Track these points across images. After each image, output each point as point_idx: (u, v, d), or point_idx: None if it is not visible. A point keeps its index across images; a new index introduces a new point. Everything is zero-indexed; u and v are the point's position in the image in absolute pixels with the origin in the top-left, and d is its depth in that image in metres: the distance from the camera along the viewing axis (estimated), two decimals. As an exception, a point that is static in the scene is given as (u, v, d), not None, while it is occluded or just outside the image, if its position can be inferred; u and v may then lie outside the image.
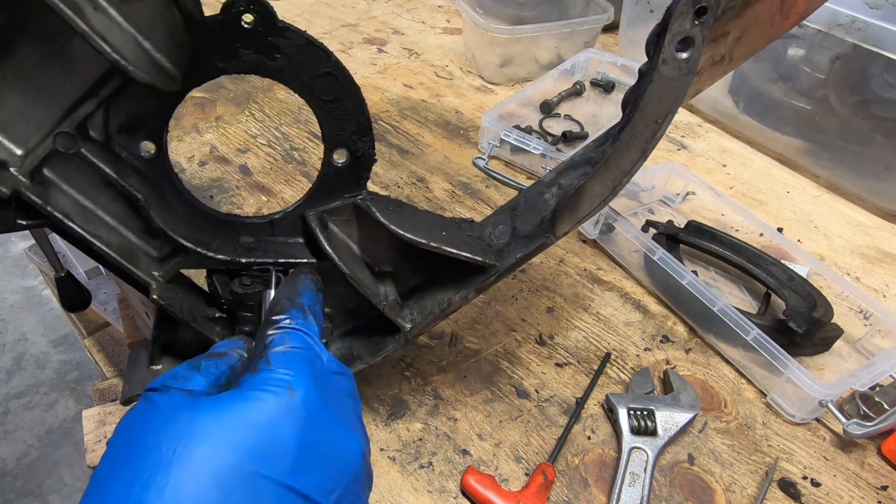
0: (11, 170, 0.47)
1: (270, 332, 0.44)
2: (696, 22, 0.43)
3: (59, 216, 0.49)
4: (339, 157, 0.56)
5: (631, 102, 0.49)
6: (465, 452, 0.66)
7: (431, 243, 0.55)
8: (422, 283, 0.62)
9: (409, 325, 0.60)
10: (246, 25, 0.48)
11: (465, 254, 0.56)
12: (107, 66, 0.46)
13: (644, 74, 0.47)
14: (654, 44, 0.45)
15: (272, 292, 0.55)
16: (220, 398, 0.39)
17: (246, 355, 0.47)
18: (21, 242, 2.95)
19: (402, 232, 0.55)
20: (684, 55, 0.44)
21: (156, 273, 0.57)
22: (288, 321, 0.45)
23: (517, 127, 1.10)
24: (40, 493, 2.15)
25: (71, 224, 0.50)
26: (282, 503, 0.36)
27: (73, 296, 0.88)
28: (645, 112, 0.47)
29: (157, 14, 0.45)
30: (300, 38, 0.49)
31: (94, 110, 0.48)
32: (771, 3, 0.48)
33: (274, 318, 0.46)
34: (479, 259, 0.57)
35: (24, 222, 0.50)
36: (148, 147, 0.53)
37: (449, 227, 0.60)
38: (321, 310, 0.50)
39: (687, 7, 0.42)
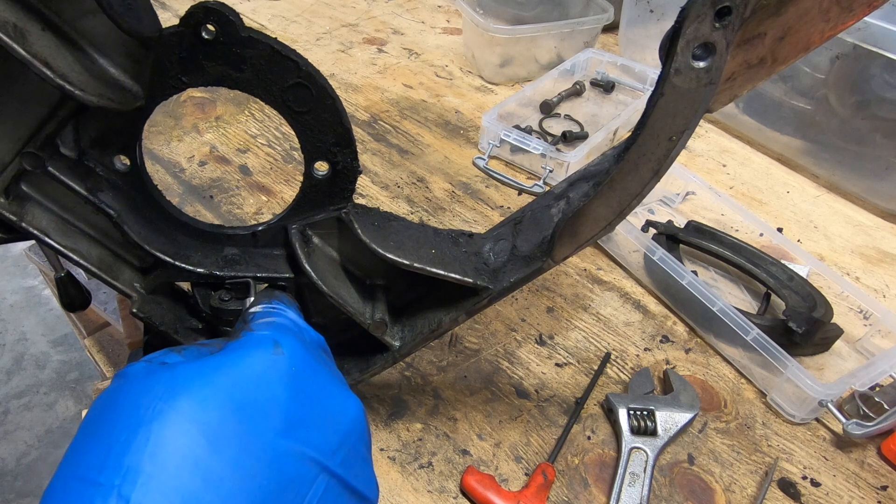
0: None
1: (252, 309, 0.44)
2: (718, 25, 0.36)
3: (35, 232, 0.49)
4: (320, 169, 0.53)
5: (640, 118, 0.43)
6: (464, 452, 0.66)
7: (415, 263, 0.52)
8: (418, 297, 0.59)
9: (397, 344, 0.58)
10: (207, 37, 0.45)
11: (453, 275, 0.53)
12: None
13: (655, 86, 0.41)
14: (667, 50, 0.39)
15: (251, 300, 0.54)
16: (201, 360, 0.36)
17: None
18: (21, 242, 2.95)
19: (382, 251, 0.52)
20: (702, 64, 0.38)
21: (137, 285, 0.57)
22: (269, 304, 0.45)
23: (517, 127, 1.10)
24: (40, 493, 2.13)
25: (48, 240, 0.50)
26: (280, 460, 0.34)
27: (72, 296, 0.88)
28: (655, 128, 0.42)
29: (111, 30, 0.43)
30: (266, 48, 0.46)
31: (55, 130, 0.47)
32: None
33: (254, 306, 0.46)
34: (470, 281, 0.53)
35: (5, 236, 0.50)
36: (122, 160, 0.52)
37: (442, 242, 0.57)
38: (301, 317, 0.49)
39: (704, 8, 0.36)
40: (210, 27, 0.45)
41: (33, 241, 0.52)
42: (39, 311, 2.75)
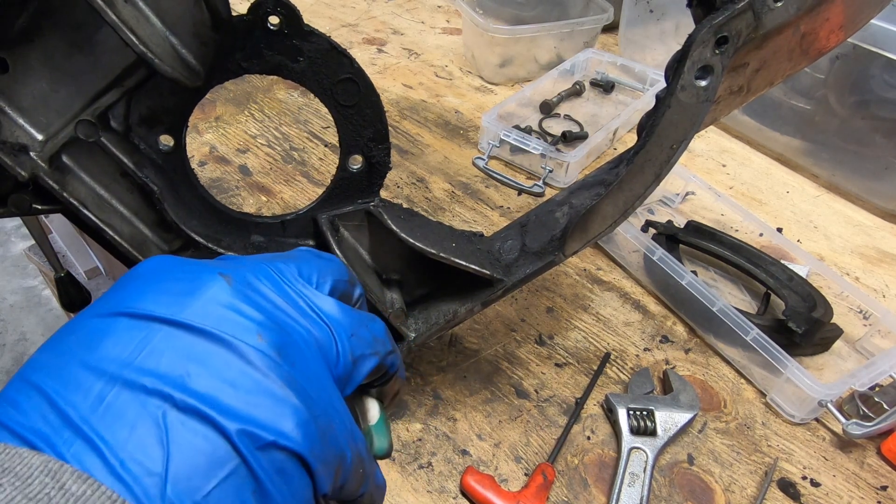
0: (31, 154, 0.48)
1: None
2: (717, 51, 0.44)
3: (75, 203, 0.51)
4: (355, 163, 0.56)
5: (647, 127, 0.49)
6: (464, 452, 0.66)
7: (441, 253, 0.55)
8: (428, 293, 0.62)
9: (412, 335, 0.60)
10: (272, 27, 0.49)
11: (473, 266, 0.56)
12: (132, 58, 0.47)
13: (662, 99, 0.47)
14: (674, 70, 0.45)
15: None
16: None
17: None
18: (21, 242, 2.95)
19: (411, 240, 0.55)
20: (703, 83, 0.45)
21: None
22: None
23: (517, 127, 1.10)
24: (40, 493, 2.15)
25: (85, 211, 0.51)
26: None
27: (72, 296, 0.88)
28: (660, 137, 0.48)
29: (186, 11, 0.46)
30: (324, 42, 0.50)
31: (116, 101, 0.49)
32: (791, 37, 0.48)
33: None
34: (487, 272, 0.56)
35: (39, 207, 0.51)
36: (166, 141, 0.54)
37: (459, 238, 0.60)
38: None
39: (708, 36, 0.43)
40: (276, 18, 0.48)
41: (33, 242, 0.53)
42: (39, 311, 2.75)
